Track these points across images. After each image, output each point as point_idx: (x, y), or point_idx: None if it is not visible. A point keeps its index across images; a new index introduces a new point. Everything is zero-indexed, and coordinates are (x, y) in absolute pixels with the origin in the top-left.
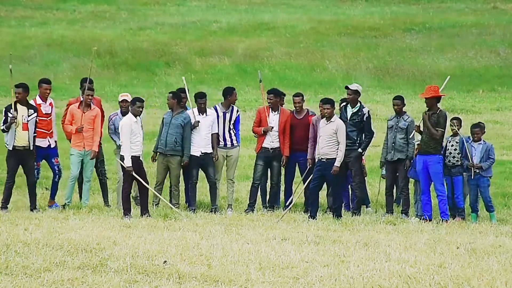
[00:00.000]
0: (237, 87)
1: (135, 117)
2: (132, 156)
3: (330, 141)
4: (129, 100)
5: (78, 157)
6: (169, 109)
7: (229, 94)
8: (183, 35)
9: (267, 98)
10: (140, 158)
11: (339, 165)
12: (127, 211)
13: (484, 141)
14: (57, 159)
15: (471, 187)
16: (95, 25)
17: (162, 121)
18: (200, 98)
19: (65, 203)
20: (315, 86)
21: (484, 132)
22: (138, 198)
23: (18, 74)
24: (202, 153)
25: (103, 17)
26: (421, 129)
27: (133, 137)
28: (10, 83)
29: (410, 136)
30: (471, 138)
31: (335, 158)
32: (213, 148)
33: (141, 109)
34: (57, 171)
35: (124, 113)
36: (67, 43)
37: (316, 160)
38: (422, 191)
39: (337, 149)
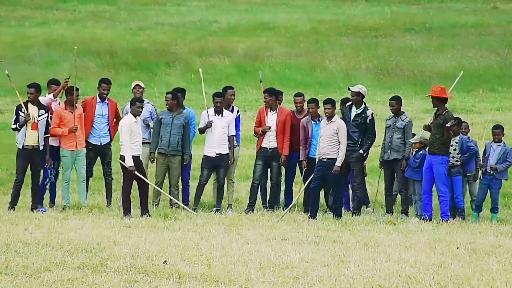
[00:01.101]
0: (237, 87)
1: (135, 117)
2: (132, 156)
3: (331, 141)
4: (142, 86)
5: (71, 157)
6: (168, 109)
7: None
8: (183, 35)
9: (263, 98)
10: (140, 158)
11: (340, 165)
12: (127, 211)
13: (504, 143)
14: (59, 162)
15: (481, 187)
16: (95, 25)
17: (160, 121)
18: (218, 97)
19: (64, 206)
20: (315, 86)
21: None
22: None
23: (18, 74)
24: (216, 154)
25: (103, 17)
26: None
27: (133, 137)
28: (10, 86)
29: (411, 140)
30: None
31: (336, 158)
32: (229, 150)
33: (140, 110)
34: (54, 173)
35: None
36: (67, 43)
37: (317, 160)
38: (424, 191)
39: (338, 149)
